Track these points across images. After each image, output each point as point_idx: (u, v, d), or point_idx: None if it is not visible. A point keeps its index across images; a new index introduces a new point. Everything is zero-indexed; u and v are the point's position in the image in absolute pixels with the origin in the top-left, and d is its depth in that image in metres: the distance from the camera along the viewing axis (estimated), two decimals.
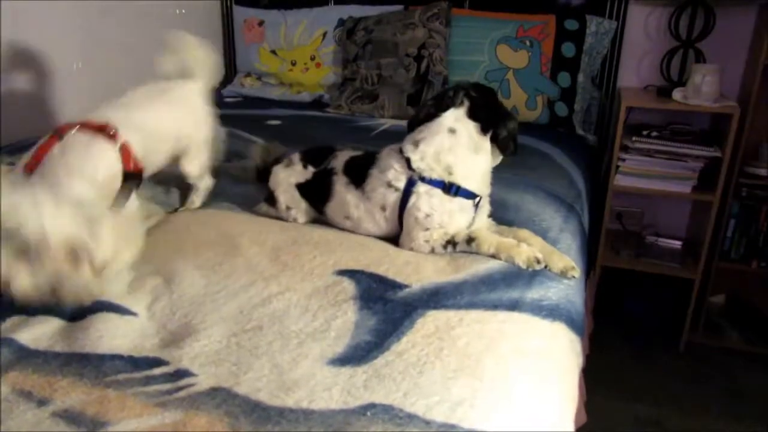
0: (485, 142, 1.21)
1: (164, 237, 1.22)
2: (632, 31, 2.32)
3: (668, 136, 2.06)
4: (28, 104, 2.04)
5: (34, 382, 0.80)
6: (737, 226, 2.10)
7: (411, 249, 1.19)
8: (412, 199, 1.19)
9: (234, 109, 2.42)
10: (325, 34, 2.52)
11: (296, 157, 1.36)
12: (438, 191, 1.18)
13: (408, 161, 1.20)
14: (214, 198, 1.44)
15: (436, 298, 1.00)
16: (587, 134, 2.26)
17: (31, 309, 0.95)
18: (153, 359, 0.86)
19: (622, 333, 2.27)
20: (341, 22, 2.48)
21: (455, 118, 1.20)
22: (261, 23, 2.62)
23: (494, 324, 0.94)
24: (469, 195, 1.20)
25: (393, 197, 1.20)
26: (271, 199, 1.36)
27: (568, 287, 1.10)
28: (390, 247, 1.18)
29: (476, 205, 1.23)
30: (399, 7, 2.43)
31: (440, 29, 2.25)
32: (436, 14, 2.27)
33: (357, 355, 0.86)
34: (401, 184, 1.20)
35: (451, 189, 1.18)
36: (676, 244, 2.32)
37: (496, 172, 1.29)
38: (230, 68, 2.90)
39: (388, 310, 0.96)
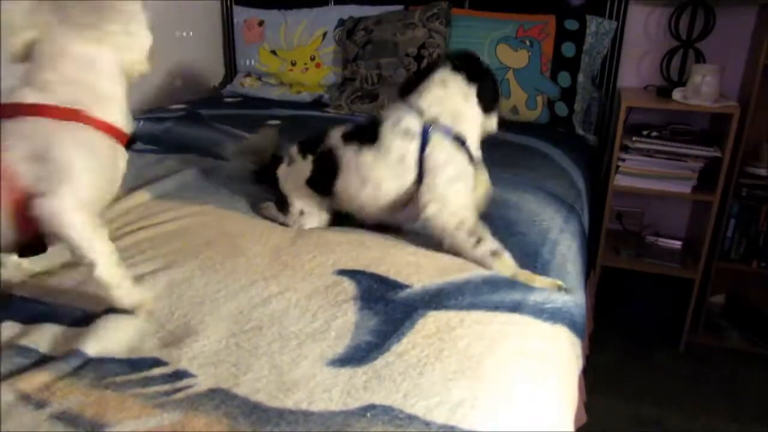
0: (473, 94, 1.24)
1: (164, 237, 1.22)
2: (632, 31, 2.31)
3: (668, 136, 2.06)
4: None
5: (32, 385, 0.79)
6: (737, 226, 2.10)
7: (428, 219, 1.16)
8: (429, 148, 1.18)
9: (234, 109, 2.42)
10: (325, 34, 2.52)
11: (294, 150, 1.35)
12: (449, 140, 1.19)
13: (420, 111, 1.21)
14: (214, 197, 1.44)
15: (438, 298, 0.99)
16: (587, 134, 2.26)
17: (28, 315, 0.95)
18: (151, 360, 0.85)
19: (622, 333, 2.27)
20: (341, 22, 2.48)
21: (443, 74, 1.24)
22: (261, 23, 2.62)
23: (495, 325, 0.93)
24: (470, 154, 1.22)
25: (412, 145, 1.19)
26: (282, 205, 1.32)
27: (570, 290, 1.10)
28: (390, 247, 1.18)
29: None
30: (399, 7, 2.43)
31: (440, 29, 2.25)
32: (436, 14, 2.26)
33: (357, 355, 0.85)
34: (417, 129, 1.19)
35: (459, 139, 1.20)
36: (676, 244, 2.32)
37: (497, 172, 1.29)
38: (230, 68, 2.90)
39: (388, 311, 0.96)
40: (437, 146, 1.18)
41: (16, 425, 0.73)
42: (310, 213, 1.31)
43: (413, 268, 1.09)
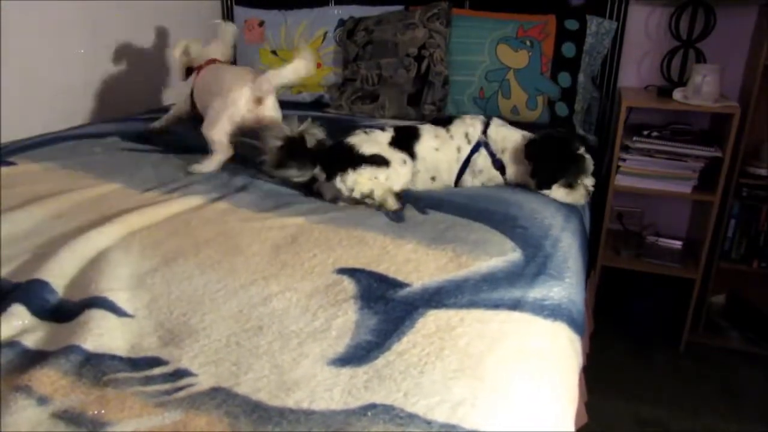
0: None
1: (164, 235, 1.22)
2: (632, 31, 2.32)
3: (668, 136, 2.06)
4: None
5: (35, 381, 0.79)
6: (738, 226, 2.10)
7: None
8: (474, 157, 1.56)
9: None
10: (325, 35, 2.52)
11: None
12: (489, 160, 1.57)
13: (486, 127, 1.58)
14: (212, 194, 1.44)
15: (437, 297, 0.99)
16: (588, 134, 2.26)
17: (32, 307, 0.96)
18: (152, 359, 0.85)
19: (623, 333, 2.27)
20: (341, 23, 2.48)
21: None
22: (261, 23, 2.62)
23: (495, 324, 0.93)
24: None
25: (466, 149, 1.56)
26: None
27: (570, 286, 1.10)
28: (390, 245, 1.18)
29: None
30: (399, 8, 2.43)
31: (440, 29, 2.25)
32: (436, 14, 2.26)
33: (358, 355, 0.85)
34: (473, 140, 1.56)
35: (497, 164, 1.57)
36: (677, 244, 2.32)
37: None
38: None
39: (388, 310, 0.96)
40: (480, 158, 1.58)
41: (16, 419, 0.73)
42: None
43: (413, 266, 1.09)
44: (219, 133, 1.61)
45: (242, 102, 1.60)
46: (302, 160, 1.49)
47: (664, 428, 1.82)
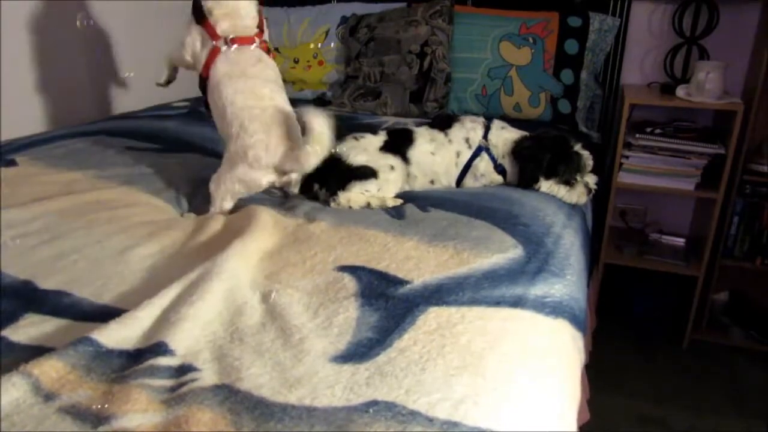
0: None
1: (167, 235, 1.22)
2: (635, 28, 2.31)
3: (672, 133, 2.06)
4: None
5: (44, 375, 0.80)
6: (741, 223, 2.10)
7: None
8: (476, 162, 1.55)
9: None
10: (327, 32, 2.52)
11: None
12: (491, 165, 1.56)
13: (487, 131, 1.55)
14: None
15: (438, 294, 1.00)
16: (590, 131, 2.26)
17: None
18: (158, 354, 0.86)
19: (626, 330, 2.27)
20: (344, 20, 2.48)
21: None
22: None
23: (497, 321, 0.94)
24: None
25: (467, 153, 1.54)
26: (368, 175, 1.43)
27: (571, 283, 1.10)
28: (390, 242, 1.18)
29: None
30: (402, 5, 2.43)
31: (443, 26, 2.25)
32: (438, 11, 2.26)
33: (359, 352, 0.86)
34: (474, 145, 1.55)
35: (499, 168, 1.56)
36: (680, 241, 2.32)
37: None
38: None
39: (389, 307, 0.96)
40: (482, 163, 1.57)
41: (23, 419, 0.73)
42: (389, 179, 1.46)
43: (413, 263, 1.09)
44: (225, 201, 1.37)
45: (265, 182, 1.38)
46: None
47: (666, 426, 1.82)
